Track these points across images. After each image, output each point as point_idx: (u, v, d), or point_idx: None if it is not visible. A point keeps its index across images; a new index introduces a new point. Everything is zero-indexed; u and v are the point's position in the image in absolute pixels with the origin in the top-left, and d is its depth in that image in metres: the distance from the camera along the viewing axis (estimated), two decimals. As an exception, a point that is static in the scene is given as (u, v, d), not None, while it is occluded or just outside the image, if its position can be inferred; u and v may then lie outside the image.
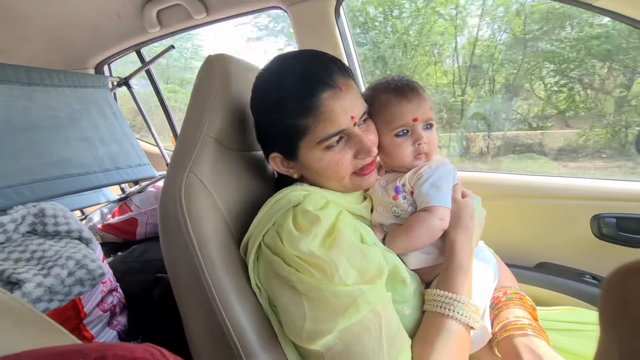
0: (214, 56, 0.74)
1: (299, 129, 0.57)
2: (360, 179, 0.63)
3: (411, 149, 0.65)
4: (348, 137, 0.59)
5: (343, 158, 0.59)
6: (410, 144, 0.65)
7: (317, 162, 0.60)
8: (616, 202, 1.06)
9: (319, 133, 0.56)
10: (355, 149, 0.59)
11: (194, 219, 0.58)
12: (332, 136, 0.57)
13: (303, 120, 0.56)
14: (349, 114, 0.57)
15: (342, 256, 0.51)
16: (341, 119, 0.56)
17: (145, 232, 1.53)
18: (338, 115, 0.56)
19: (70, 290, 0.73)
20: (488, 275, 0.68)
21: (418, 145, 0.64)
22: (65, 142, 1.24)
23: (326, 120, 0.56)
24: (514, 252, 1.19)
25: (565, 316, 0.80)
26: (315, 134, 0.57)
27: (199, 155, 0.65)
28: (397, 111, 0.64)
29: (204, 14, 1.40)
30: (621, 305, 0.25)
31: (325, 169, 0.60)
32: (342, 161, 0.59)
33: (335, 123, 0.56)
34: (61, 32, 1.59)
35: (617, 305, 0.26)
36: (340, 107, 0.56)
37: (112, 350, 0.23)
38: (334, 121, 0.56)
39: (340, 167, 0.59)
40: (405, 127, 0.65)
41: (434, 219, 0.60)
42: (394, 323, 0.53)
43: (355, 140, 0.59)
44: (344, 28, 1.32)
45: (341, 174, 0.60)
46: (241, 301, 0.56)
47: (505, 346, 0.59)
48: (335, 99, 0.56)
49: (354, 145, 0.59)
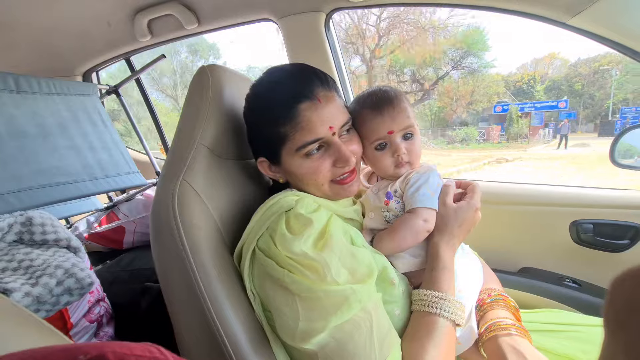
0: (207, 66, 0.76)
1: (280, 136, 0.61)
2: (339, 187, 0.65)
3: (391, 160, 0.68)
4: (327, 146, 0.63)
5: (321, 166, 0.62)
6: (389, 155, 0.68)
7: (297, 168, 0.63)
8: (593, 208, 1.11)
9: (297, 141, 0.60)
10: (334, 157, 0.63)
11: (187, 227, 0.59)
12: (309, 144, 0.60)
13: (282, 128, 0.60)
14: (328, 124, 0.60)
15: (334, 257, 0.53)
16: (319, 128, 0.60)
17: (133, 241, 1.51)
18: (315, 125, 0.59)
19: (58, 300, 0.72)
20: (474, 277, 0.71)
21: (397, 156, 0.67)
22: (54, 150, 1.23)
23: (303, 129, 0.60)
24: (498, 257, 1.22)
25: (547, 318, 0.83)
26: (293, 141, 0.61)
27: (192, 164, 0.66)
28: (371, 126, 0.68)
29: (195, 24, 1.42)
30: (629, 309, 0.24)
31: (305, 175, 0.63)
32: (320, 169, 0.62)
33: (313, 132, 0.60)
34: (49, 39, 1.58)
35: (625, 309, 0.25)
36: (317, 118, 0.60)
37: (111, 348, 0.23)
38: (311, 130, 0.60)
39: (319, 174, 0.63)
40: (382, 140, 0.68)
41: (418, 220, 0.63)
42: (385, 322, 0.55)
43: (334, 149, 0.62)
44: (333, 41, 1.35)
45: (319, 181, 0.63)
46: (234, 307, 0.57)
47: (490, 346, 0.61)
48: (313, 110, 0.59)
49: (333, 154, 0.63)
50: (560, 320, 0.82)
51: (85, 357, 0.22)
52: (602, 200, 1.11)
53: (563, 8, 0.91)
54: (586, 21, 0.90)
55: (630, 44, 0.89)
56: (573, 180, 7.74)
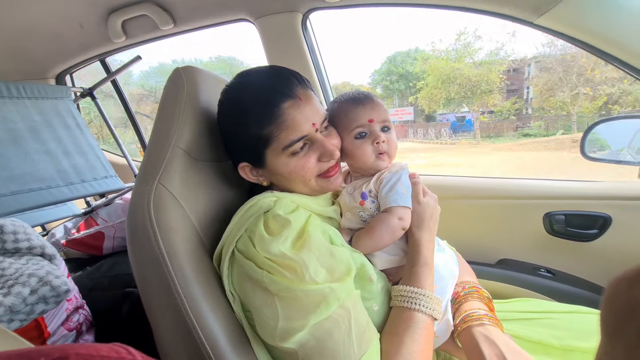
0: (181, 68, 0.75)
1: (264, 137, 0.61)
2: (325, 181, 0.67)
3: (371, 149, 0.70)
4: (311, 143, 0.64)
5: (308, 162, 0.63)
6: (369, 144, 0.70)
7: (283, 168, 0.63)
8: (564, 200, 1.15)
9: (283, 140, 0.61)
10: (318, 152, 0.64)
11: (164, 230, 0.59)
12: (295, 142, 0.61)
13: (267, 129, 0.60)
14: (310, 121, 0.61)
15: (312, 256, 0.54)
16: (303, 125, 0.61)
17: (112, 246, 1.48)
18: (299, 122, 0.60)
19: (33, 308, 0.70)
20: (450, 272, 0.73)
21: (377, 144, 0.69)
22: (26, 156, 1.19)
23: (288, 128, 0.60)
24: (476, 250, 1.26)
25: (522, 307, 0.86)
26: (279, 141, 0.61)
27: (168, 167, 0.65)
28: (353, 115, 0.70)
29: (170, 25, 1.40)
30: (628, 313, 0.24)
31: (292, 173, 0.64)
32: (307, 165, 0.63)
33: (297, 130, 0.60)
34: (18, 41, 1.52)
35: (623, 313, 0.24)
36: (300, 115, 0.60)
37: (75, 350, 0.22)
38: (296, 128, 0.60)
39: (306, 170, 0.63)
40: (362, 128, 0.70)
41: (393, 218, 0.65)
42: (363, 318, 0.56)
43: (318, 145, 0.64)
44: (311, 41, 1.36)
45: (307, 177, 0.64)
46: (213, 309, 0.56)
47: (465, 337, 0.63)
48: (295, 108, 0.60)
49: (317, 150, 0.64)
50: (534, 308, 0.85)
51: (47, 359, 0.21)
52: (573, 192, 1.16)
53: (530, 8, 0.94)
54: (552, 21, 0.94)
55: (594, 43, 0.93)
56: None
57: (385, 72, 18.49)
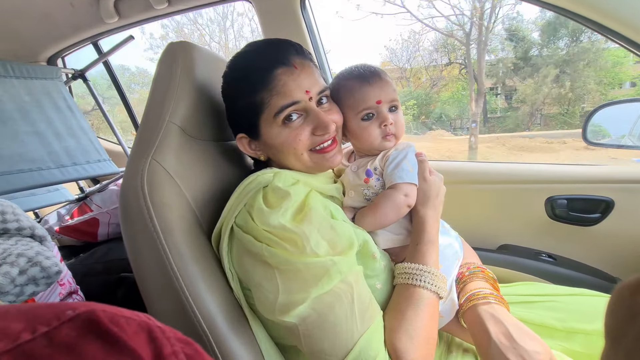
0: (175, 43, 0.72)
1: (256, 104, 0.60)
2: (320, 157, 0.64)
3: (378, 131, 0.67)
4: (306, 114, 0.62)
5: (301, 134, 0.61)
6: (376, 126, 0.67)
7: (276, 138, 0.62)
8: (566, 184, 1.14)
9: (273, 106, 0.59)
10: (312, 124, 0.62)
11: (158, 206, 0.57)
12: (286, 108, 0.59)
13: (259, 95, 0.60)
14: (304, 89, 0.60)
15: (313, 229, 0.52)
16: (295, 92, 0.59)
17: (107, 233, 1.46)
18: (291, 89, 0.59)
19: (23, 290, 0.67)
20: (455, 253, 0.72)
21: (384, 127, 0.67)
22: (14, 136, 1.15)
23: (279, 93, 0.59)
24: (478, 236, 1.25)
25: (523, 290, 0.85)
26: (270, 108, 0.60)
27: (162, 143, 0.63)
28: (360, 95, 0.67)
29: (165, 4, 1.35)
30: (630, 319, 0.25)
31: (284, 144, 0.62)
32: (299, 136, 0.61)
33: (288, 96, 0.59)
34: (7, 23, 1.47)
35: (626, 318, 0.25)
36: (293, 82, 0.59)
37: (102, 307, 0.22)
38: (287, 94, 0.59)
39: (298, 142, 0.61)
40: (370, 110, 0.67)
41: (399, 194, 0.63)
42: (366, 294, 0.55)
43: (312, 116, 0.62)
44: (310, 21, 1.32)
45: (299, 149, 0.62)
46: (209, 288, 0.55)
47: (470, 315, 0.62)
48: (289, 75, 0.59)
49: (311, 122, 0.62)
50: (536, 292, 0.85)
51: (74, 312, 0.21)
52: (575, 175, 1.14)
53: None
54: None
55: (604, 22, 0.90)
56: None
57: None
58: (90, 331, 0.21)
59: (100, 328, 0.21)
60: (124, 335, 0.21)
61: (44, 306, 0.22)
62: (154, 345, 0.23)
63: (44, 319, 0.21)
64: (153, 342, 0.23)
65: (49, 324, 0.20)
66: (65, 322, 0.21)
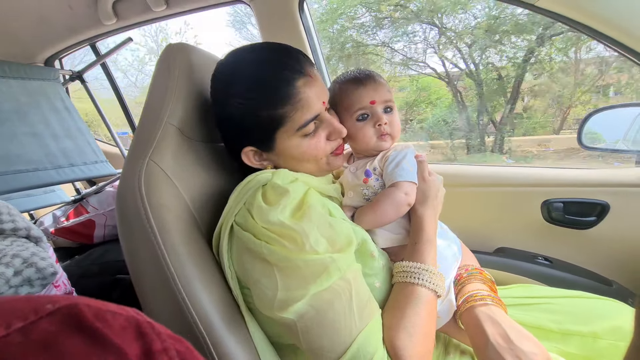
0: (174, 45, 0.72)
1: (277, 118, 0.59)
2: (334, 158, 0.67)
3: (373, 131, 0.68)
4: (320, 122, 0.63)
5: (319, 141, 0.63)
6: (371, 126, 0.68)
7: (296, 149, 0.62)
8: (562, 187, 1.15)
9: (298, 120, 0.59)
10: (327, 131, 0.64)
11: (155, 207, 0.56)
12: (310, 122, 0.60)
13: (280, 109, 0.58)
14: (321, 99, 0.61)
15: (313, 226, 0.52)
16: (316, 104, 0.60)
17: (104, 235, 1.45)
18: (313, 101, 0.59)
19: (17, 291, 0.67)
20: (453, 254, 0.72)
21: (379, 126, 0.68)
22: (12, 137, 1.15)
23: (303, 107, 0.59)
24: (475, 238, 1.25)
25: (520, 293, 0.86)
26: (293, 121, 0.59)
27: (160, 144, 0.62)
28: (354, 96, 0.68)
29: (163, 6, 1.35)
30: None
31: (305, 154, 0.63)
32: (318, 144, 0.63)
33: (312, 109, 0.59)
34: (5, 24, 1.47)
35: None
36: (313, 93, 0.59)
37: (85, 301, 0.21)
38: (310, 107, 0.59)
39: (319, 150, 0.63)
40: (364, 110, 0.68)
41: (399, 193, 0.63)
42: (364, 291, 0.55)
43: (326, 124, 0.63)
44: (308, 24, 1.32)
45: (319, 156, 0.64)
46: (206, 288, 0.55)
47: (467, 317, 0.62)
48: (309, 86, 0.59)
49: (326, 128, 0.63)
50: (532, 294, 0.85)
51: (54, 306, 0.20)
52: (571, 179, 1.15)
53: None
54: (553, 3, 0.92)
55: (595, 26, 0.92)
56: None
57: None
58: (71, 326, 0.20)
59: (82, 323, 0.20)
60: (109, 331, 0.20)
61: (22, 299, 0.21)
62: (143, 341, 0.21)
63: (20, 313, 0.19)
64: (142, 338, 0.22)
65: (26, 318, 0.19)
66: (43, 316, 0.19)
